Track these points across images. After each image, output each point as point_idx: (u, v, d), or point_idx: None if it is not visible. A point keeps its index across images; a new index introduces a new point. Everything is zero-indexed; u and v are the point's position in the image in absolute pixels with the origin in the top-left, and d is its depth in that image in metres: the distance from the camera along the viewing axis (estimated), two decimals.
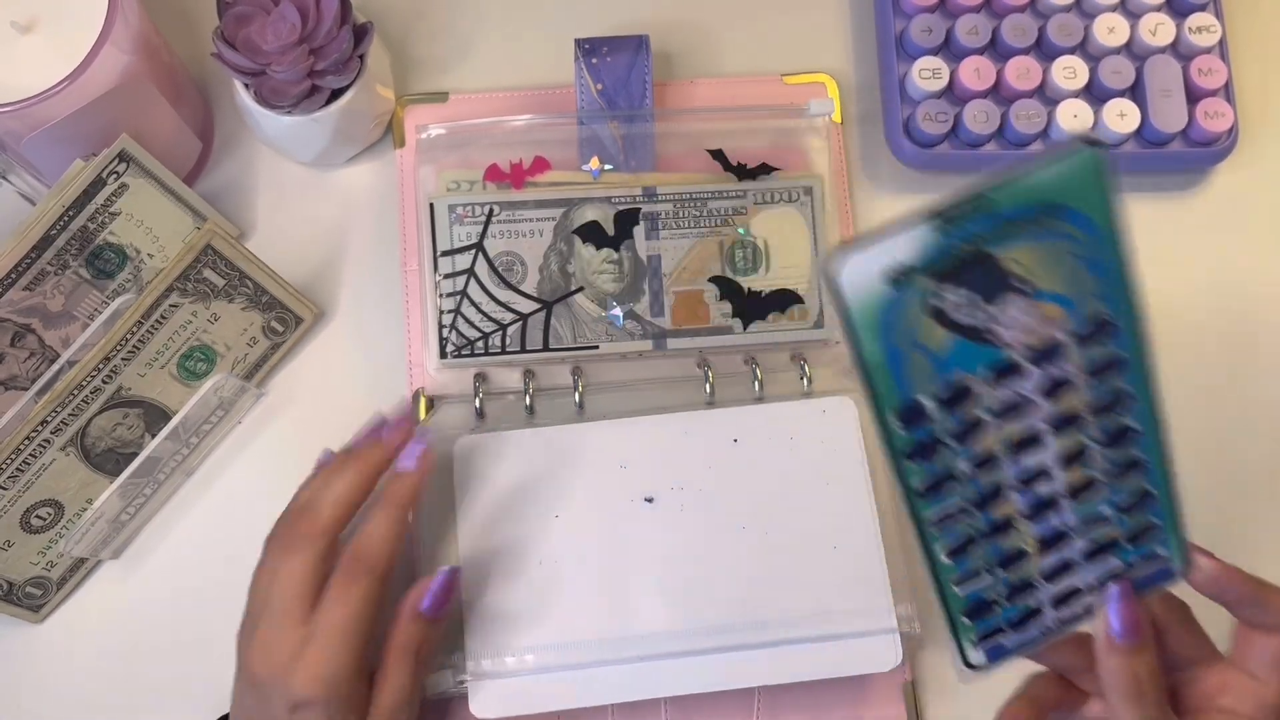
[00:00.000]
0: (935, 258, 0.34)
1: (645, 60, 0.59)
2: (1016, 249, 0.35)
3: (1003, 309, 0.36)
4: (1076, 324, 0.36)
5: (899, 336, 0.35)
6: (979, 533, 0.39)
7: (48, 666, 0.56)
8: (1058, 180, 0.35)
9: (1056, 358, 0.36)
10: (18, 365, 0.53)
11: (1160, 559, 0.41)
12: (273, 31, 0.53)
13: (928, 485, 0.38)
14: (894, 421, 0.36)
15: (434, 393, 0.58)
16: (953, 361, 0.36)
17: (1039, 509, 0.39)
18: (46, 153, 0.53)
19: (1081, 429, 0.38)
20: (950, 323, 0.35)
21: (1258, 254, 0.63)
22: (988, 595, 0.41)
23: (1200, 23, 0.62)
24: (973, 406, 0.37)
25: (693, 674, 0.52)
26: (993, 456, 0.38)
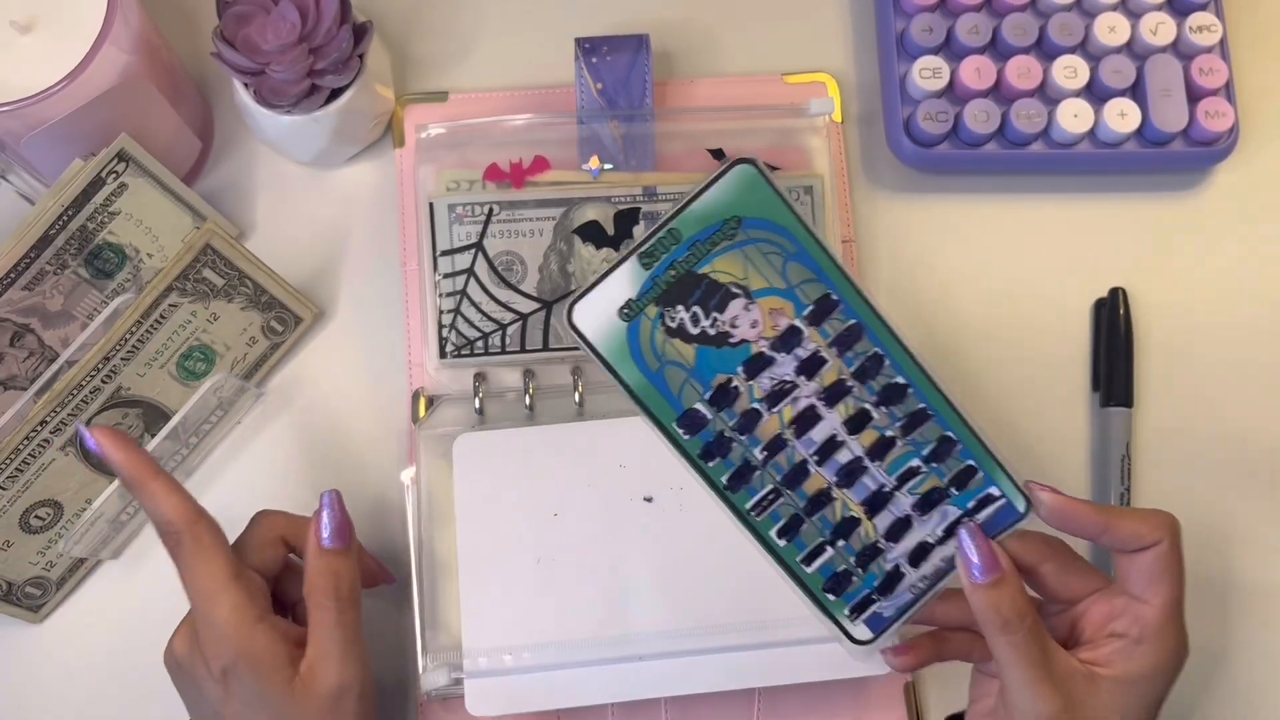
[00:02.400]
0: (650, 287, 0.42)
1: (645, 59, 0.59)
2: (718, 261, 0.42)
3: (732, 313, 0.42)
4: (801, 308, 0.42)
5: (650, 359, 0.42)
6: (800, 510, 0.44)
7: (47, 667, 0.56)
8: (725, 197, 0.41)
9: (797, 341, 0.43)
10: (17, 365, 0.53)
11: (998, 500, 0.44)
12: (272, 31, 0.53)
13: (731, 478, 0.44)
14: (678, 431, 0.43)
15: (434, 392, 0.57)
16: (707, 368, 0.43)
17: (848, 476, 0.44)
18: (46, 152, 0.53)
19: (852, 395, 0.43)
20: (691, 336, 0.42)
21: (1259, 253, 0.63)
22: (838, 566, 0.45)
23: (1201, 22, 0.62)
24: (743, 400, 0.43)
25: (690, 674, 0.52)
26: (780, 439, 0.43)
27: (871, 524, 0.44)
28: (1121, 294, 0.61)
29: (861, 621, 0.45)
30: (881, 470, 0.44)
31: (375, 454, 0.58)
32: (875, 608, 0.45)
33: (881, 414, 0.44)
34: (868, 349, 0.43)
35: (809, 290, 0.42)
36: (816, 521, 0.44)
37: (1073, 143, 0.61)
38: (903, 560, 0.45)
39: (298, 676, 0.46)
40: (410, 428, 0.57)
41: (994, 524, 0.45)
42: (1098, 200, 0.63)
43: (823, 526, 0.44)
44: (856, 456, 0.44)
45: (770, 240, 0.42)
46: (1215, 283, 0.62)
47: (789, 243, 0.42)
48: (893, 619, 0.45)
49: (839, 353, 0.43)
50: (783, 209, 0.42)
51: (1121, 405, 0.59)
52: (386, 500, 0.57)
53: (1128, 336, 0.60)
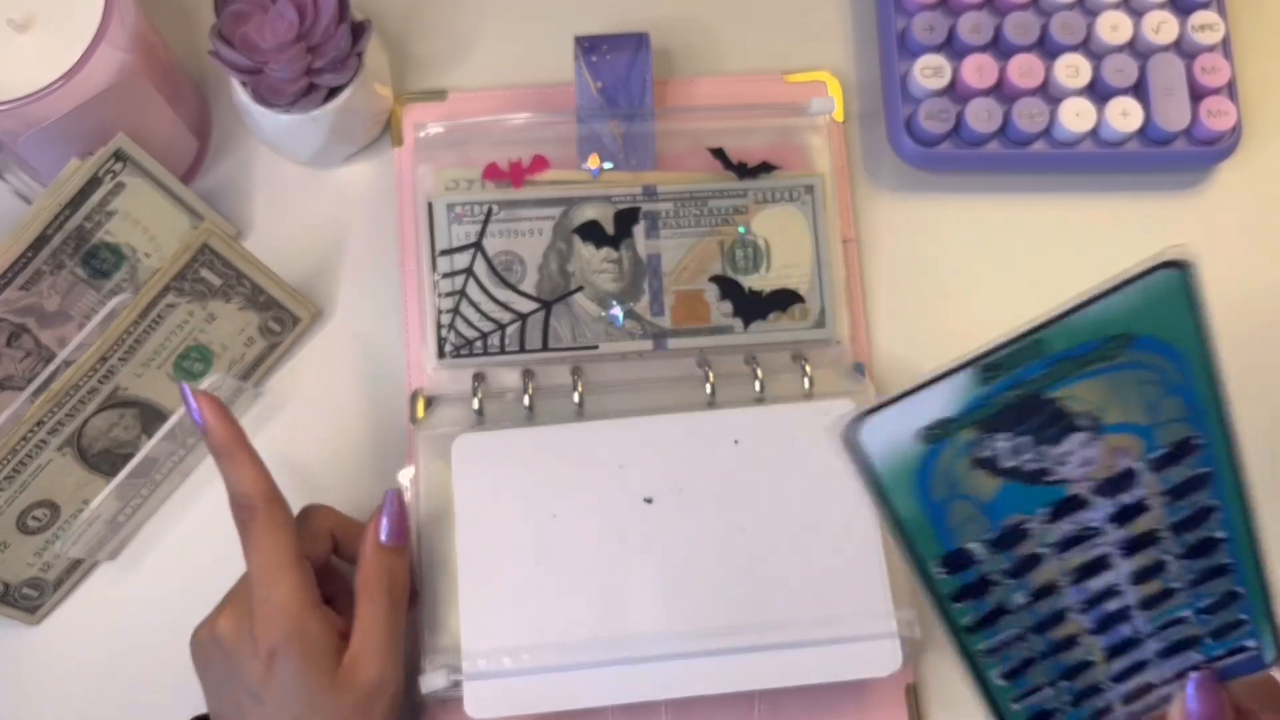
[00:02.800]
0: (977, 407, 0.31)
1: (645, 58, 0.59)
2: (1078, 386, 0.31)
3: (1063, 449, 0.32)
4: (1152, 451, 0.33)
5: (938, 490, 0.32)
6: (1038, 653, 0.37)
7: (44, 668, 0.56)
8: (1129, 310, 0.31)
9: (1127, 486, 0.33)
10: (14, 365, 0.53)
11: (1248, 651, 0.38)
12: (270, 29, 0.53)
13: (978, 621, 0.35)
14: (937, 570, 0.34)
15: (432, 393, 0.57)
16: (1004, 507, 0.33)
17: (1107, 623, 0.37)
18: (42, 151, 0.52)
19: (1158, 546, 0.35)
20: (1002, 470, 0.32)
21: (1261, 252, 0.63)
22: (1049, 704, 0.38)
23: (1203, 21, 0.61)
24: (1030, 544, 0.34)
25: (691, 676, 0.51)
26: (1053, 585, 0.35)
27: (1106, 666, 0.38)
28: None
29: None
30: (1145, 619, 0.37)
31: (373, 454, 0.58)
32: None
33: (1180, 567, 0.36)
34: (1205, 501, 0.35)
35: (1172, 430, 0.33)
36: (1049, 664, 0.37)
37: (1075, 142, 0.61)
38: (1118, 698, 0.39)
39: (341, 666, 0.46)
40: (409, 428, 0.57)
41: (1229, 672, 0.39)
42: (1100, 199, 0.63)
43: (1053, 669, 0.37)
44: (1126, 606, 0.36)
45: (1157, 367, 0.32)
46: (1218, 282, 0.62)
47: (1177, 372, 0.32)
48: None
49: (1168, 502, 0.34)
50: (1194, 330, 0.31)
51: None
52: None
53: None
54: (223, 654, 0.47)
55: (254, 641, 0.46)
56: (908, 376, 0.62)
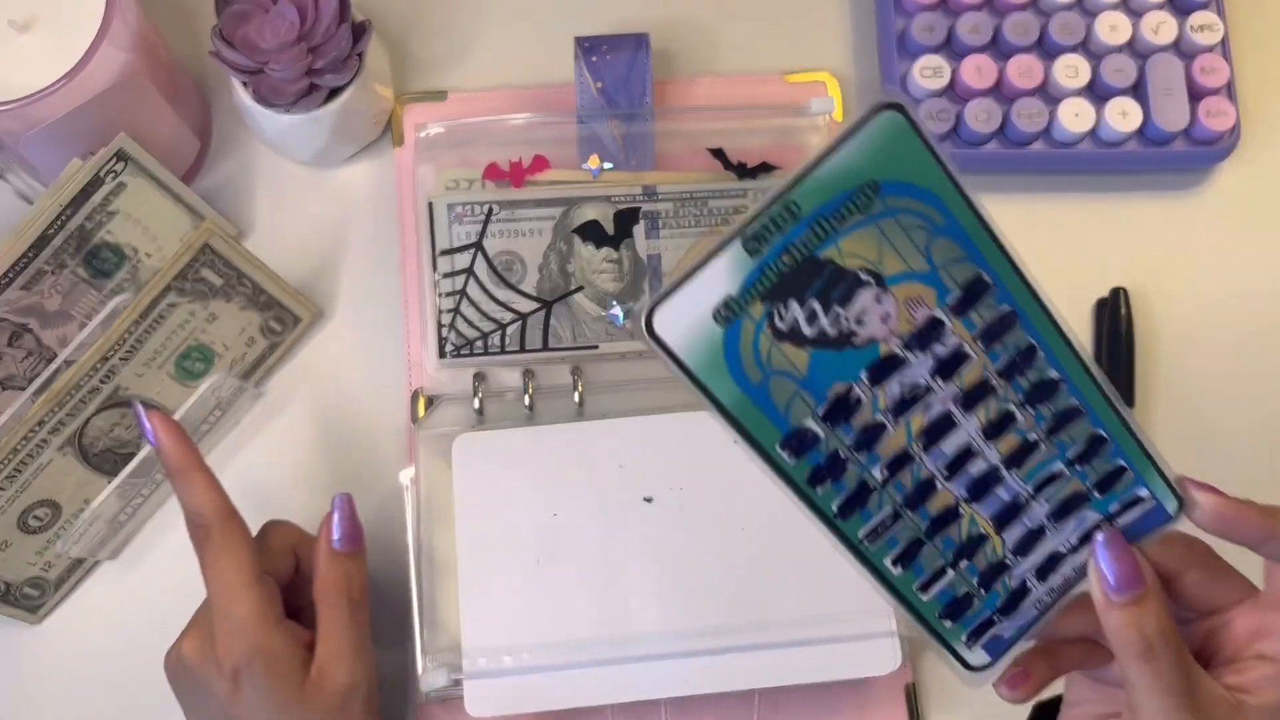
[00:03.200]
0: (757, 279, 0.31)
1: (645, 59, 0.59)
2: (845, 241, 0.32)
3: (858, 306, 0.33)
4: (945, 296, 0.33)
5: (751, 370, 0.33)
6: (922, 532, 0.37)
7: (46, 668, 0.56)
8: (862, 156, 0.31)
9: (937, 336, 0.34)
10: (15, 365, 0.53)
11: (1146, 502, 0.38)
12: (271, 30, 0.53)
13: (843, 504, 0.35)
14: (781, 455, 0.34)
15: (433, 392, 0.57)
16: (823, 376, 0.33)
17: (980, 488, 0.37)
18: (44, 151, 0.52)
19: (995, 396, 0.35)
20: (805, 339, 0.33)
21: (1260, 253, 0.63)
22: (959, 590, 0.38)
23: (1202, 21, 0.62)
24: (865, 413, 0.34)
25: (691, 675, 0.52)
26: (905, 454, 0.35)
27: (1000, 539, 0.37)
28: (1123, 294, 0.61)
29: (980, 646, 0.39)
30: (1018, 479, 0.37)
31: (374, 454, 0.58)
32: (995, 630, 0.39)
33: (1027, 415, 0.36)
34: (1021, 340, 0.35)
35: (957, 272, 0.33)
36: (938, 543, 0.37)
37: (1074, 142, 0.61)
38: (1030, 575, 0.38)
39: (309, 679, 0.46)
40: (409, 428, 0.57)
41: (1136, 529, 0.38)
42: (1099, 200, 0.63)
43: (945, 548, 0.37)
44: (992, 466, 0.36)
45: (914, 211, 0.32)
46: (1217, 282, 0.62)
47: (938, 214, 0.32)
48: (1013, 640, 0.39)
49: (985, 346, 0.34)
50: (935, 170, 0.32)
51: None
52: (386, 500, 0.57)
53: (1129, 336, 0.60)
54: (190, 676, 0.47)
55: (218, 662, 0.45)
56: None
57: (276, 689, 0.45)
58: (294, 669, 0.46)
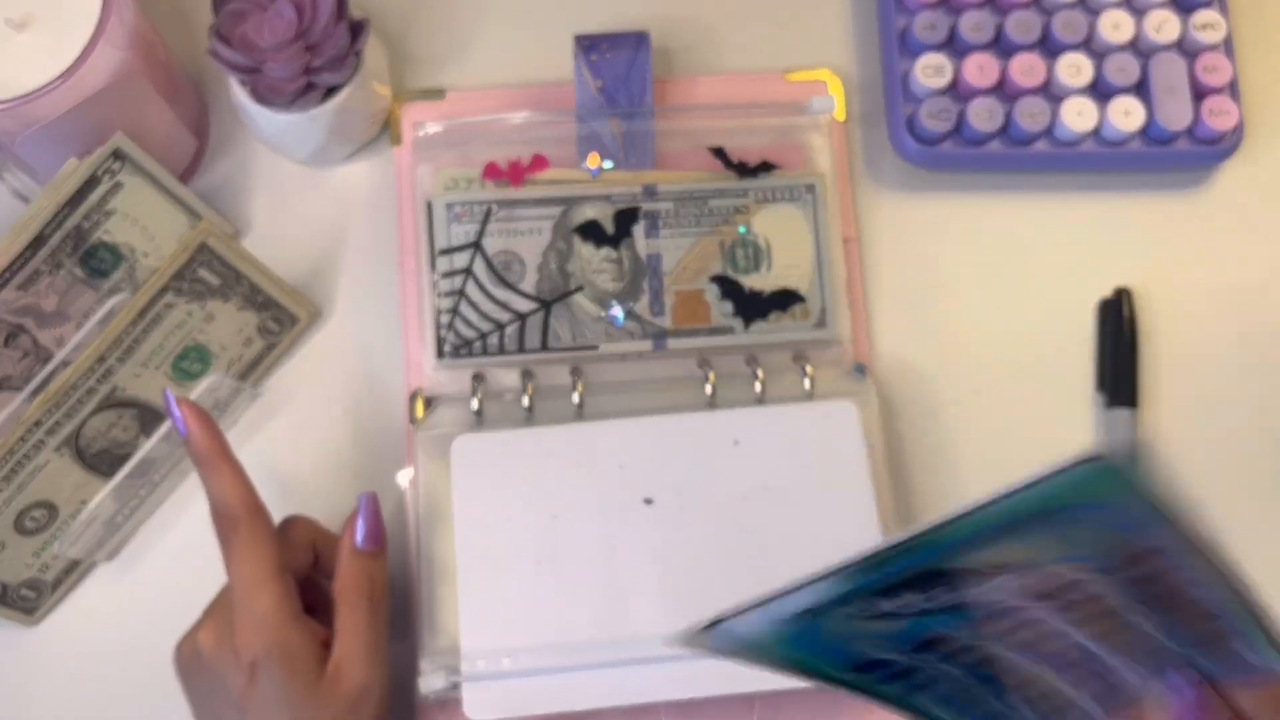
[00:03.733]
0: (860, 590, 0.29)
1: (645, 57, 0.59)
2: (988, 552, 0.28)
3: (982, 589, 0.29)
4: (1099, 566, 0.30)
5: (828, 637, 0.31)
6: None
7: (42, 670, 0.56)
8: (1050, 496, 0.28)
9: (1070, 590, 0.30)
10: (11, 366, 0.53)
11: (1248, 664, 0.35)
12: (269, 28, 0.53)
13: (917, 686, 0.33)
14: (848, 674, 0.32)
15: (431, 393, 0.57)
16: (918, 630, 0.31)
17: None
18: (41, 151, 0.52)
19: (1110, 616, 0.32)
20: (904, 616, 0.30)
21: (1264, 252, 0.63)
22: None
23: (1206, 20, 0.61)
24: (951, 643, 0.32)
25: (690, 678, 0.51)
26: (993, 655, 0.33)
27: None
28: (1126, 294, 0.60)
29: None
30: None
31: (372, 455, 0.58)
32: None
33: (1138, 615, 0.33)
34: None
35: (1124, 547, 0.30)
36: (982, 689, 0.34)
37: (1076, 141, 0.61)
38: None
39: (324, 676, 0.46)
40: (408, 429, 0.57)
41: None
42: (1102, 199, 0.63)
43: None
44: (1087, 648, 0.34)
45: (1100, 520, 0.29)
46: (1221, 282, 0.62)
47: (1122, 516, 0.29)
48: None
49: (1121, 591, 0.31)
50: (1145, 502, 0.28)
51: (1126, 406, 0.59)
52: (384, 501, 0.57)
53: (1133, 337, 0.60)
54: (205, 667, 0.47)
55: (235, 654, 0.45)
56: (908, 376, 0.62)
57: (292, 685, 0.45)
58: (310, 666, 0.46)
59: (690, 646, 0.31)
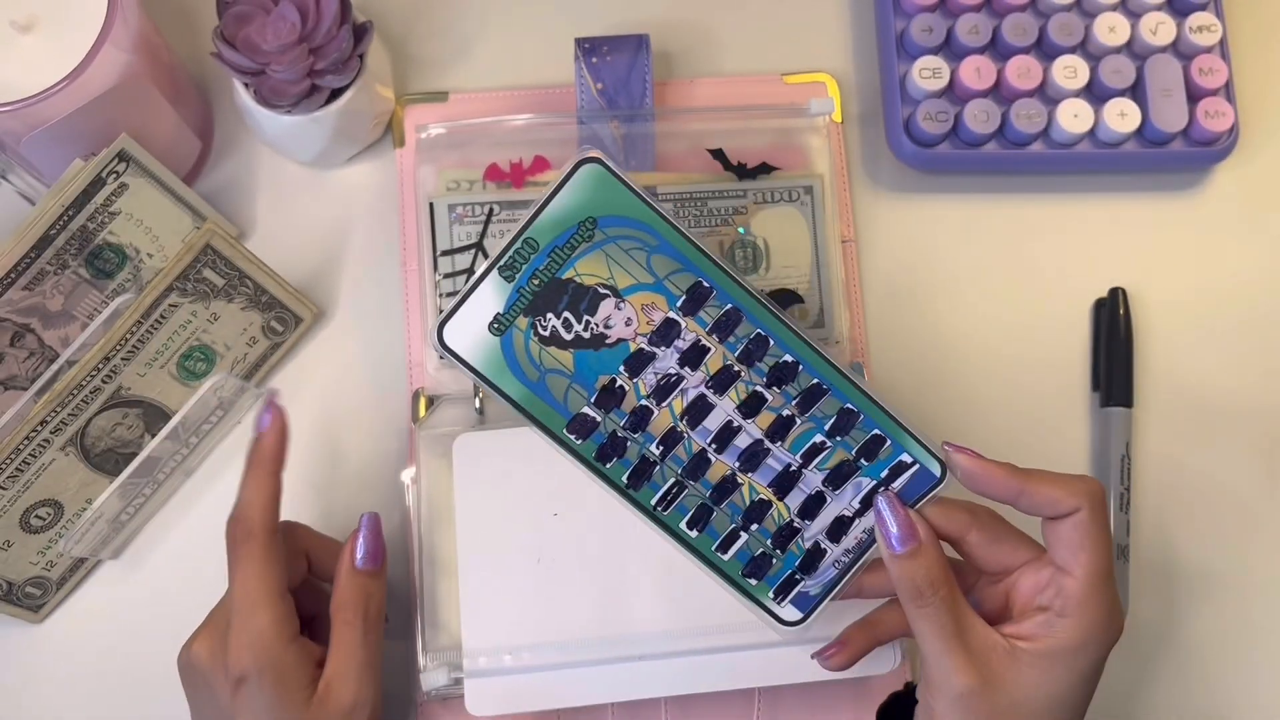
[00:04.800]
0: (515, 299, 0.41)
1: (645, 59, 0.59)
2: (580, 264, 0.41)
3: (604, 313, 0.42)
4: (674, 300, 0.42)
5: (528, 370, 0.42)
6: (707, 498, 0.44)
7: (47, 667, 0.56)
8: (578, 199, 0.41)
9: (675, 333, 0.42)
10: (17, 365, 0.53)
11: (911, 466, 0.44)
12: (272, 31, 0.53)
13: (631, 475, 0.44)
14: (569, 438, 0.43)
15: (434, 392, 0.57)
16: (588, 371, 0.42)
17: (750, 459, 0.44)
18: (46, 152, 0.53)
19: (741, 379, 0.43)
20: (566, 342, 0.42)
21: (1259, 253, 0.63)
22: (755, 550, 0.45)
23: (1201, 22, 0.62)
24: (630, 399, 0.43)
25: (690, 674, 0.52)
26: (675, 431, 0.43)
27: (783, 505, 0.44)
28: (1121, 294, 0.61)
29: (789, 603, 0.45)
30: (784, 450, 0.44)
31: (375, 454, 0.58)
32: (801, 587, 0.45)
33: (775, 394, 0.43)
34: (749, 331, 0.43)
35: (679, 281, 0.42)
36: (725, 509, 0.44)
37: (1073, 143, 0.61)
38: (821, 537, 0.45)
39: (314, 695, 0.46)
40: (410, 427, 0.57)
41: (911, 490, 0.44)
42: (1097, 200, 0.63)
43: (732, 513, 0.44)
44: (756, 439, 0.44)
45: (630, 236, 0.41)
46: (1215, 282, 0.62)
47: (650, 236, 0.41)
48: (820, 596, 0.45)
49: (720, 339, 0.43)
50: (637, 204, 0.41)
51: (1121, 405, 0.59)
52: (386, 500, 0.57)
53: (1128, 336, 0.60)
54: (199, 676, 0.47)
55: (225, 668, 0.45)
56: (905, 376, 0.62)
57: (281, 703, 0.45)
58: (301, 686, 0.46)
59: (437, 347, 0.41)
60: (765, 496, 0.44)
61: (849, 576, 0.45)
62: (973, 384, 0.60)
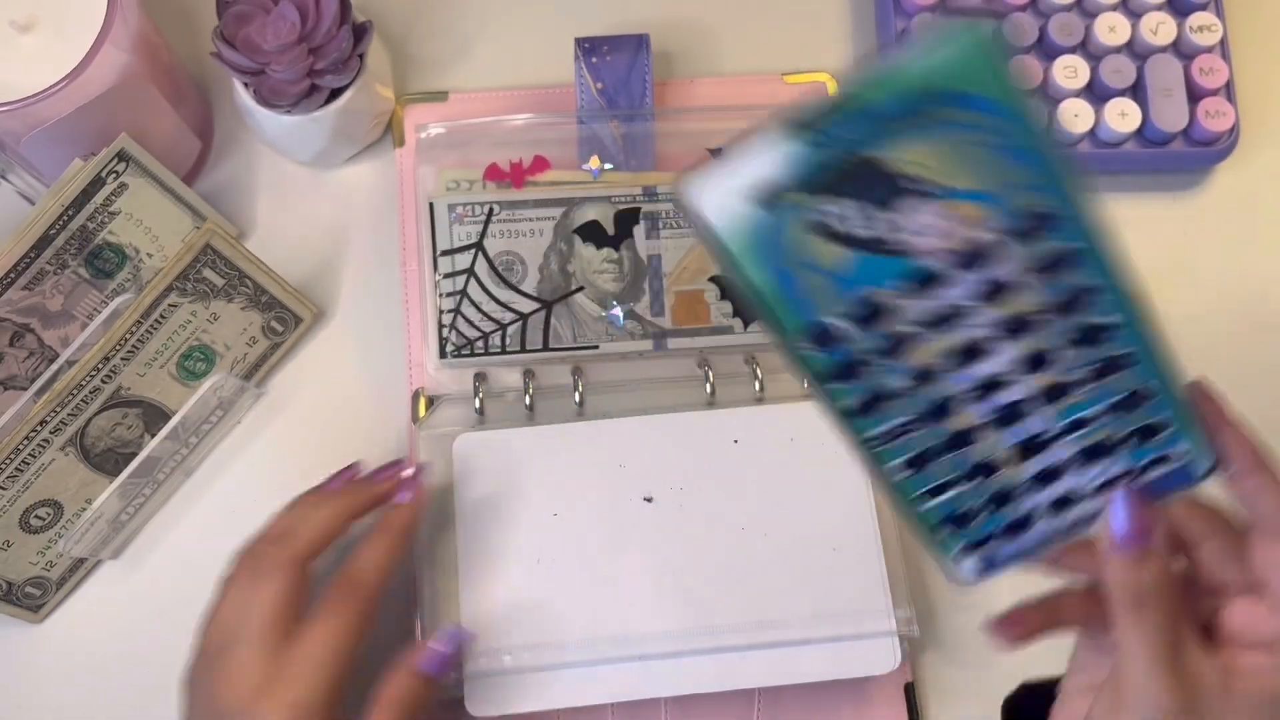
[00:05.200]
0: (807, 172, 0.31)
1: (645, 59, 0.59)
2: (905, 146, 0.31)
3: (906, 215, 0.32)
4: (1006, 220, 0.32)
5: (784, 258, 0.32)
6: (937, 445, 0.36)
7: (47, 667, 0.56)
8: (945, 65, 0.30)
9: (990, 259, 0.33)
10: (17, 365, 0.53)
11: (1178, 459, 0.37)
12: (272, 31, 0.53)
13: (862, 404, 0.35)
14: (805, 346, 0.34)
15: (434, 392, 0.57)
16: (858, 278, 0.33)
17: (1008, 416, 0.36)
18: (46, 152, 0.53)
19: (1041, 330, 0.34)
20: (846, 238, 0.32)
21: (1259, 253, 0.63)
22: (964, 505, 0.38)
23: (1201, 22, 0.62)
24: (895, 321, 0.34)
25: (690, 674, 0.52)
26: (931, 370, 0.35)
27: (1019, 469, 0.37)
28: None
29: (971, 559, 0.39)
30: (1050, 415, 0.36)
31: (375, 454, 0.58)
32: (990, 549, 0.39)
33: (1071, 355, 0.35)
34: (1079, 281, 0.34)
35: (1023, 199, 0.32)
36: (951, 460, 0.37)
37: (1073, 143, 0.61)
38: (1042, 508, 0.38)
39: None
40: (410, 428, 0.57)
41: (1159, 485, 0.38)
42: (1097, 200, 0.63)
43: (956, 465, 0.37)
44: (1023, 398, 0.36)
45: (987, 128, 0.31)
46: (1215, 282, 0.62)
47: (1011, 134, 0.31)
48: (1006, 563, 0.39)
49: (1042, 280, 0.34)
50: (1013, 90, 0.30)
51: None
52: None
53: None
54: (212, 713, 0.45)
55: (254, 713, 0.43)
56: None
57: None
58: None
59: (680, 200, 0.31)
60: (1003, 456, 0.37)
61: (1050, 547, 0.39)
62: None
